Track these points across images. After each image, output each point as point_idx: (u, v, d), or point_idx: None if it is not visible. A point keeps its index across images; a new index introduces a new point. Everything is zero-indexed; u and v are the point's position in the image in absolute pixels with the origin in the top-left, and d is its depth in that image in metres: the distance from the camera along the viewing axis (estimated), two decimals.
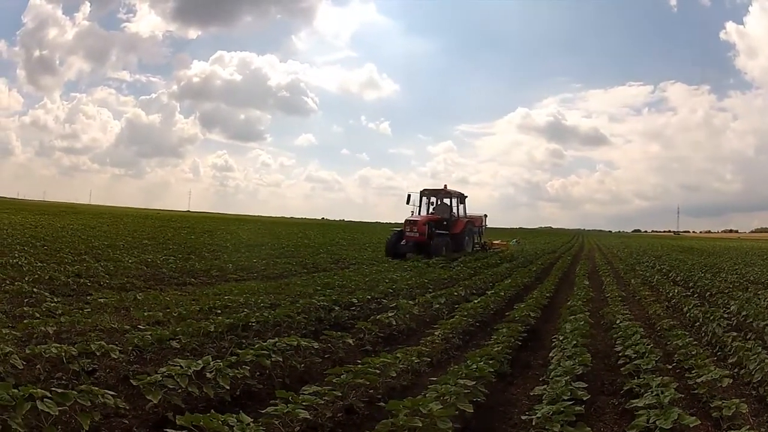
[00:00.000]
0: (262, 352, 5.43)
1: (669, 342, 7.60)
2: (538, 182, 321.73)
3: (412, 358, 5.96)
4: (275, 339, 5.92)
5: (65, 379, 4.89)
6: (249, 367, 5.13)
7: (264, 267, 16.06)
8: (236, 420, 3.64)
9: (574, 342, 6.68)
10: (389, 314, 8.23)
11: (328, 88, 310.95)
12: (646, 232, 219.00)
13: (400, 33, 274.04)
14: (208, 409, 3.92)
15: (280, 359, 5.51)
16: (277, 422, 3.94)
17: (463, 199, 24.94)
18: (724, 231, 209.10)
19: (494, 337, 7.23)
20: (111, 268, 12.54)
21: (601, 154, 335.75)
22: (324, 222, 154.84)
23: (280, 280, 13.18)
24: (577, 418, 4.24)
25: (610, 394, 5.88)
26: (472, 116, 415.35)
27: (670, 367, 6.44)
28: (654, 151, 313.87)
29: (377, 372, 5.09)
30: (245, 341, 6.56)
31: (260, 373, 5.34)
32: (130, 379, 4.60)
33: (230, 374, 4.85)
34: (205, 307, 8.31)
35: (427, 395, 4.43)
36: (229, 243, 26.21)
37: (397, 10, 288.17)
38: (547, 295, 11.98)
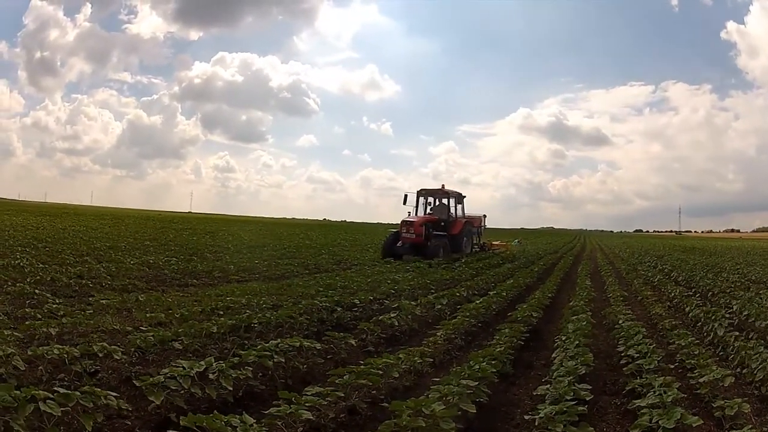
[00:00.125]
0: (265, 353, 5.43)
1: (671, 342, 7.60)
2: (540, 183, 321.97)
3: (415, 358, 5.95)
4: (278, 340, 5.92)
5: (67, 380, 4.88)
6: (251, 368, 5.12)
7: (266, 268, 16.05)
8: (239, 421, 3.64)
9: (577, 342, 6.67)
10: (391, 315, 8.22)
11: (330, 89, 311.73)
12: (648, 232, 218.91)
13: (402, 34, 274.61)
14: (211, 410, 3.91)
15: (283, 360, 5.51)
16: (280, 423, 3.94)
17: (462, 199, 24.40)
18: (726, 231, 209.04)
19: (496, 338, 7.22)
20: (113, 270, 12.55)
21: (602, 155, 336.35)
22: (326, 223, 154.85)
23: (282, 281, 13.17)
24: (580, 418, 4.23)
25: (613, 394, 5.87)
26: (473, 117, 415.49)
27: (672, 367, 6.43)
28: (655, 151, 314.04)
29: (380, 373, 5.09)
30: (247, 342, 6.56)
31: (263, 374, 5.35)
32: (133, 380, 4.62)
33: (233, 375, 4.85)
34: (207, 309, 8.31)
35: (430, 396, 4.42)
36: (231, 244, 26.20)
37: (399, 11, 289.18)
38: (549, 295, 11.97)
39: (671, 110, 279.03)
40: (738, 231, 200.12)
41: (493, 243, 30.40)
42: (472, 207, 25.08)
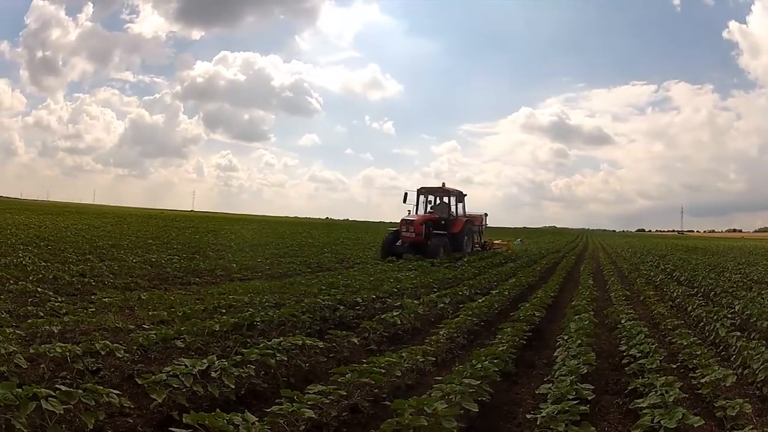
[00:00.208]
0: (267, 351, 5.43)
1: (673, 341, 7.58)
2: (542, 182, 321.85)
3: (417, 357, 5.95)
4: (280, 338, 5.93)
5: (69, 378, 4.88)
6: (254, 366, 5.13)
7: (268, 266, 16.08)
8: (241, 419, 3.64)
9: (579, 341, 6.67)
10: (394, 313, 8.22)
11: (332, 89, 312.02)
12: (650, 231, 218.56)
13: (404, 33, 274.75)
14: (213, 408, 3.91)
15: (285, 358, 5.52)
16: (282, 421, 3.94)
17: (462, 198, 23.96)
18: (728, 230, 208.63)
19: (499, 337, 7.22)
20: (115, 268, 12.59)
21: (604, 154, 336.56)
22: (328, 222, 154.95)
23: (285, 280, 13.17)
24: (582, 418, 4.23)
25: (615, 393, 5.86)
26: (475, 116, 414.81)
27: (674, 367, 6.42)
28: (658, 151, 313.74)
29: (382, 371, 5.09)
30: (250, 340, 6.56)
31: (265, 372, 5.35)
32: (135, 378, 4.63)
33: (235, 373, 4.85)
34: (209, 307, 8.32)
35: (432, 394, 4.43)
36: (234, 243, 26.24)
37: (401, 10, 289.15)
38: (552, 294, 11.96)
39: (673, 110, 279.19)
40: (740, 231, 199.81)
41: (494, 242, 30.35)
42: (474, 206, 25.02)
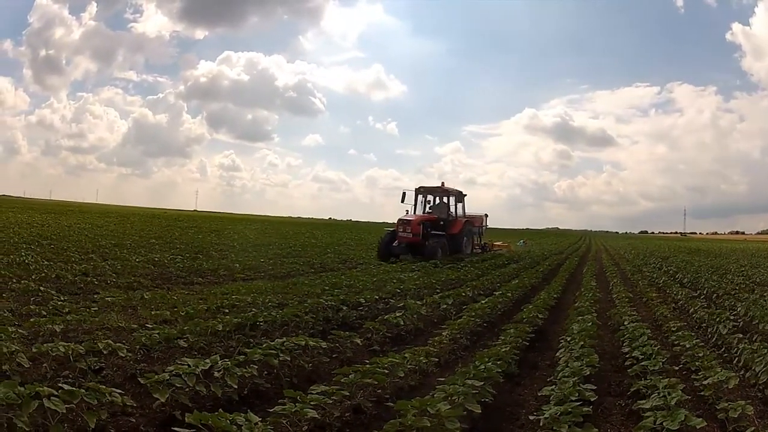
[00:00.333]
0: (270, 351, 5.43)
1: (676, 344, 7.56)
2: (545, 183, 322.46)
3: (420, 358, 5.95)
4: (283, 338, 5.93)
5: (72, 377, 4.88)
6: (257, 367, 5.13)
7: (271, 267, 16.09)
8: (244, 419, 3.65)
9: (582, 343, 6.66)
10: (397, 314, 8.23)
11: (336, 89, 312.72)
12: (653, 233, 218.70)
13: (407, 34, 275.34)
14: (216, 408, 3.92)
15: (288, 359, 5.52)
16: (285, 421, 3.94)
17: (462, 198, 23.35)
18: (731, 232, 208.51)
19: (502, 338, 7.22)
20: (118, 267, 12.60)
21: (608, 155, 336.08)
22: (331, 222, 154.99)
23: (288, 280, 13.16)
24: (585, 419, 4.23)
25: (618, 395, 5.86)
26: (479, 117, 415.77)
27: (676, 369, 6.41)
28: (661, 153, 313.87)
29: (385, 372, 5.09)
30: (253, 340, 6.56)
31: (268, 373, 5.35)
32: (138, 378, 4.62)
33: (238, 373, 4.86)
34: (212, 307, 8.32)
35: (435, 395, 4.42)
36: (237, 242, 26.26)
37: (404, 11, 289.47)
38: (555, 296, 11.94)
39: (676, 111, 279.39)
40: (743, 233, 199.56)
41: (495, 243, 30.17)
42: (477, 207, 24.88)
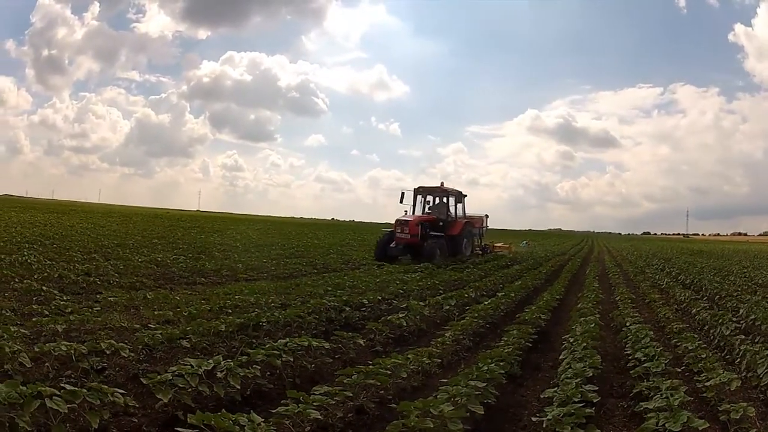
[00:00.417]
0: (273, 351, 5.44)
1: (678, 345, 7.56)
2: (548, 184, 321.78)
3: (423, 359, 5.95)
4: (286, 339, 5.93)
5: (74, 377, 4.89)
6: (260, 367, 5.14)
7: (274, 267, 16.10)
8: (247, 419, 3.65)
9: (584, 344, 6.65)
10: (400, 315, 8.22)
11: (338, 89, 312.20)
12: (656, 234, 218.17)
13: (410, 34, 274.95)
14: (219, 409, 3.92)
15: (291, 359, 5.52)
16: (288, 422, 3.94)
17: (462, 198, 22.86)
18: (733, 234, 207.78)
19: (504, 339, 7.20)
20: (121, 267, 12.62)
21: (610, 156, 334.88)
22: (334, 222, 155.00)
23: (291, 281, 13.17)
24: (587, 421, 4.23)
25: (620, 396, 5.85)
26: (481, 118, 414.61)
27: (679, 370, 6.43)
28: (663, 154, 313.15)
29: (388, 373, 5.09)
30: (256, 341, 6.57)
31: (271, 373, 5.35)
32: (140, 378, 4.62)
33: (241, 374, 4.86)
34: (215, 307, 8.33)
35: (438, 396, 4.42)
36: (239, 243, 26.26)
37: (407, 12, 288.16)
38: (557, 297, 11.93)
39: (679, 112, 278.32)
40: (745, 234, 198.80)
41: (496, 244, 30.03)
42: (480, 208, 24.80)
